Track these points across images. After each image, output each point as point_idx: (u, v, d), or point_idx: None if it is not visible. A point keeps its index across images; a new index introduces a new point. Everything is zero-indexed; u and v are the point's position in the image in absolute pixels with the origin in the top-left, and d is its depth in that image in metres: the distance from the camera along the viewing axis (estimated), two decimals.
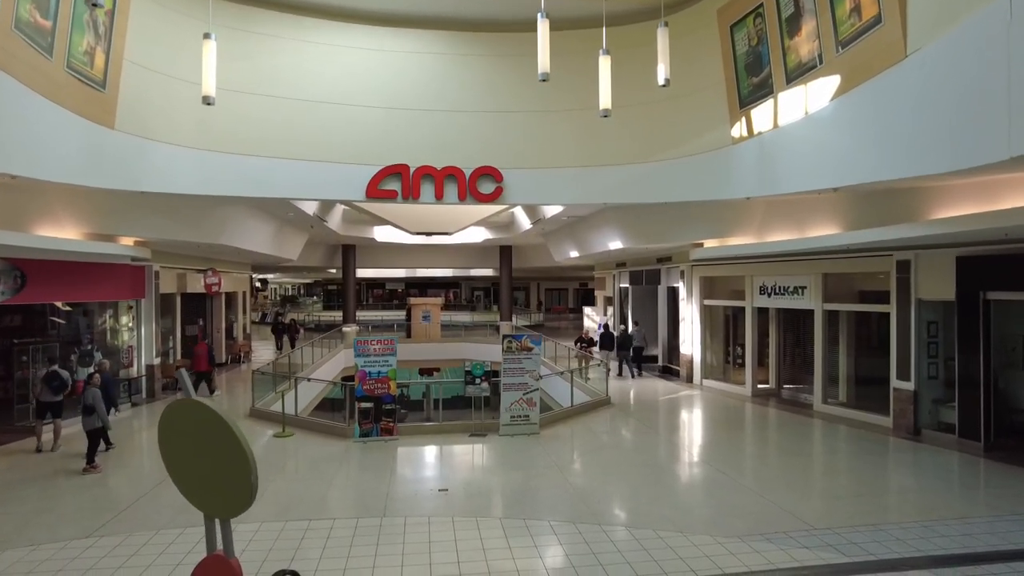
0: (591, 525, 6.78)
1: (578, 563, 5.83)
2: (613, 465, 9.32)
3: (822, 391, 12.84)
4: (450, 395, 15.89)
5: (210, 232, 14.43)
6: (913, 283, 10.70)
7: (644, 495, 7.87)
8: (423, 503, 7.62)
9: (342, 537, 6.47)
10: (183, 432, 3.72)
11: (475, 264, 34.00)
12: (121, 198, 11.68)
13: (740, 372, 15.44)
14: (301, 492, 8.09)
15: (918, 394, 10.66)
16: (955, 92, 7.34)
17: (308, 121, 13.59)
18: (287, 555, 6.03)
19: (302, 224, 20.19)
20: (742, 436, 11.40)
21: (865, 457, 9.57)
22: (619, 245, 16.83)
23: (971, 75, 6.99)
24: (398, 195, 13.87)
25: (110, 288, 13.10)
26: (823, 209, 11.80)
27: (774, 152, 11.29)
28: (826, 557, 5.90)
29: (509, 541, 6.37)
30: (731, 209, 13.60)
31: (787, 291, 13.65)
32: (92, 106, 10.23)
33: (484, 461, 9.60)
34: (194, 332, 19.74)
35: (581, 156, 14.30)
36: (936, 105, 7.72)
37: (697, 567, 5.70)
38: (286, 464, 9.35)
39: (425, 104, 14.14)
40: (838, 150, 9.55)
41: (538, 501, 7.61)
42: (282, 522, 6.90)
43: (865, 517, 7.01)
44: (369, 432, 10.45)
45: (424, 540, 6.40)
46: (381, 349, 10.55)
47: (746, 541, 6.27)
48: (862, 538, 6.33)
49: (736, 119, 12.42)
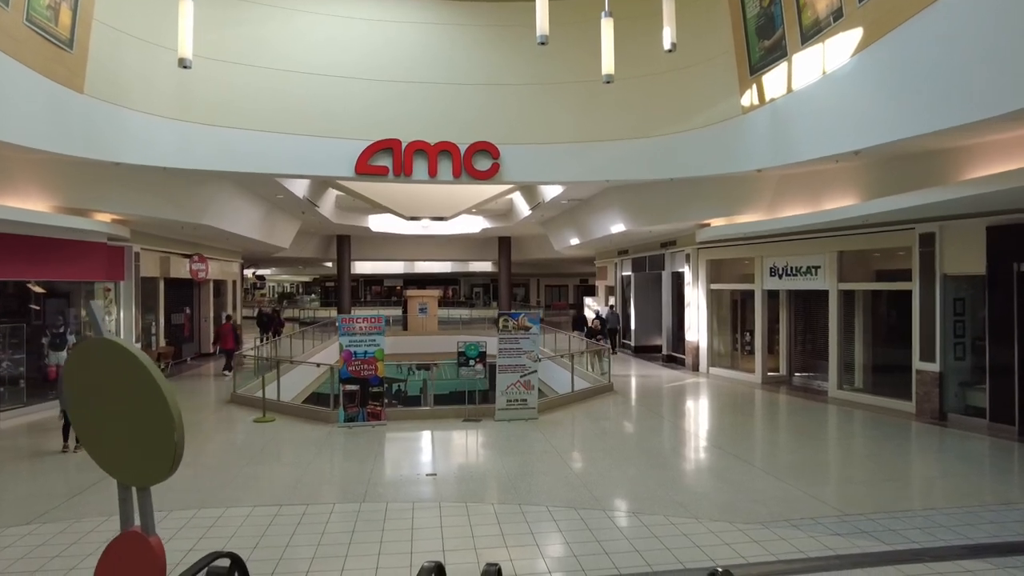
0: (594, 511, 6.06)
1: (580, 551, 5.11)
2: (617, 450, 8.60)
3: (837, 376, 12.11)
4: (447, 390, 15.19)
5: (193, 211, 13.71)
6: (938, 257, 9.97)
7: (653, 480, 7.15)
8: (408, 488, 6.90)
9: (314, 524, 5.75)
10: (92, 380, 3.00)
11: (473, 256, 33.31)
12: (93, 169, 10.97)
13: (749, 359, 14.71)
14: (273, 477, 7.38)
15: (944, 376, 9.93)
16: (986, 34, 6.65)
17: (295, 93, 12.88)
18: (250, 542, 5.31)
19: (293, 209, 19.48)
20: (755, 421, 10.69)
21: (890, 442, 8.84)
22: (621, 228, 16.12)
23: (1003, 14, 6.32)
24: (389, 172, 13.16)
25: (84, 268, 12.37)
26: (840, 181, 11.08)
27: (788, 119, 10.58)
28: (863, 545, 5.18)
29: (502, 528, 5.65)
30: (740, 185, 12.89)
31: (799, 271, 12.92)
32: (58, 66, 9.52)
33: (478, 446, 8.88)
34: (180, 320, 19.05)
35: (582, 131, 13.59)
36: (966, 51, 7.01)
37: (717, 555, 4.98)
38: (261, 449, 8.63)
39: (418, 76, 13.42)
40: (859, 109, 8.84)
41: (535, 486, 6.89)
42: (248, 507, 6.17)
43: (899, 503, 6.29)
44: (355, 417, 9.72)
45: (406, 527, 5.68)
46: (367, 328, 9.83)
47: (770, 528, 5.55)
48: (900, 524, 5.60)
49: (746, 87, 11.70)
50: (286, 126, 12.68)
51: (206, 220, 14.30)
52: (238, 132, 12.33)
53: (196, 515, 5.96)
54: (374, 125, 13.10)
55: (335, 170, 13.11)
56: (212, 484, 7.11)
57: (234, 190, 14.92)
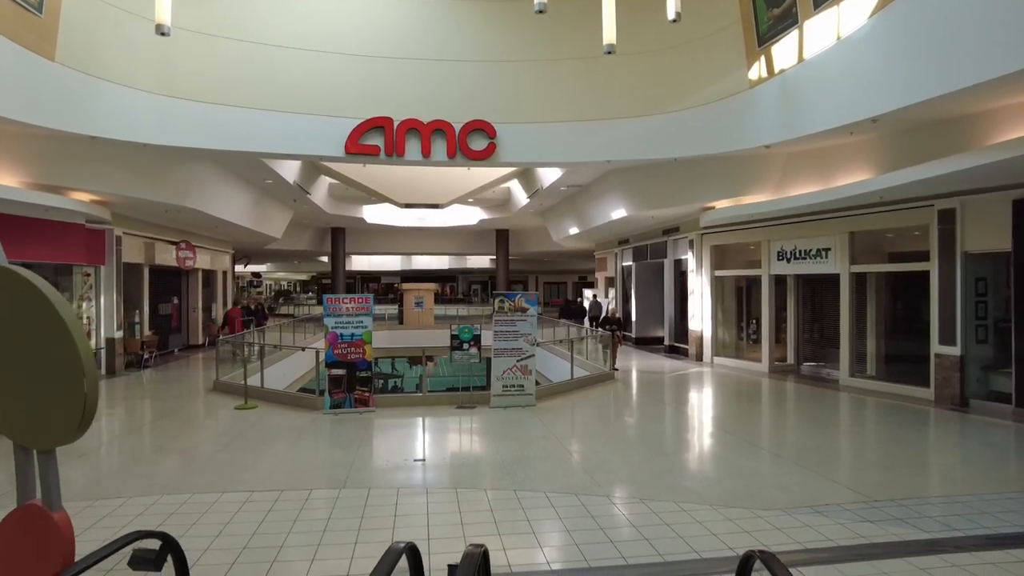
0: (597, 497, 5.50)
1: (582, 539, 4.55)
2: (621, 436, 8.04)
3: (849, 363, 11.55)
4: (443, 387, 14.56)
5: (175, 193, 13.12)
6: (959, 234, 9.42)
7: (660, 466, 6.59)
8: (393, 474, 6.33)
9: (286, 511, 5.18)
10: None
11: (471, 250, 32.74)
12: (67, 143, 10.40)
13: (755, 348, 14.16)
14: (247, 463, 6.80)
15: (965, 360, 9.38)
16: None
17: (281, 69, 12.31)
18: (212, 530, 4.75)
19: (284, 196, 18.91)
20: (766, 408, 10.13)
21: (911, 428, 8.29)
22: (622, 214, 15.57)
23: None
24: (380, 151, 12.58)
25: (61, 250, 11.77)
26: (853, 157, 10.53)
27: (799, 89, 10.03)
28: (899, 532, 4.62)
29: (495, 515, 5.09)
30: (747, 164, 12.34)
31: (809, 255, 12.36)
32: (25, 31, 8.94)
33: (472, 433, 8.30)
34: (168, 311, 18.46)
35: (582, 110, 13.02)
36: (988, 3, 6.50)
37: (736, 544, 4.42)
38: (238, 435, 8.05)
39: (410, 52, 12.85)
40: (877, 73, 8.28)
41: (533, 472, 6.33)
42: (216, 494, 5.61)
43: (931, 488, 5.76)
44: (341, 403, 9.15)
45: (389, 514, 5.12)
46: (354, 308, 9.26)
47: (792, 514, 4.99)
48: (937, 511, 5.05)
49: (754, 60, 11.15)
50: (272, 103, 12.12)
51: (190, 203, 13.71)
52: (221, 108, 11.76)
53: (157, 502, 5.40)
54: (365, 103, 12.54)
55: (324, 149, 12.54)
56: (177, 469, 6.57)
57: (219, 172, 14.33)
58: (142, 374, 13.62)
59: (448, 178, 18.65)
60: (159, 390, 11.82)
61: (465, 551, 2.35)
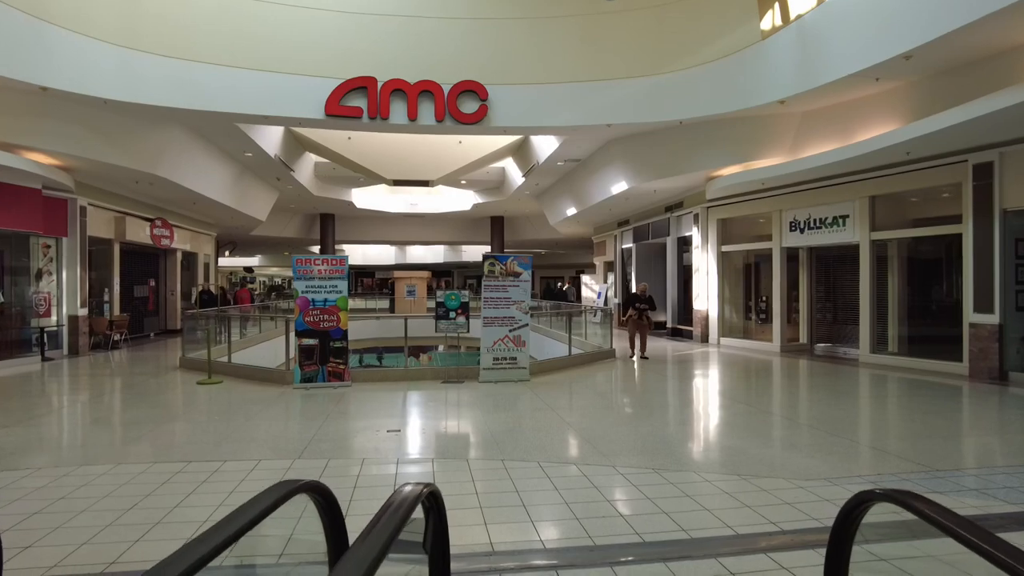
0: (601, 467, 4.59)
1: (583, 513, 3.64)
2: (627, 407, 7.12)
3: (870, 338, 10.66)
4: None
5: (143, 159, 12.15)
6: (997, 190, 8.53)
7: (675, 436, 5.69)
8: (359, 444, 5.41)
9: (225, 482, 4.26)
10: None
11: (466, 238, 31.75)
12: (16, 95, 9.46)
13: (764, 328, 13.27)
14: (193, 433, 5.87)
15: (1004, 329, 8.49)
16: None
17: (258, 24, 11.35)
18: (127, 503, 3.83)
19: (266, 174, 17.91)
20: (784, 381, 9.20)
21: (951, 401, 7.40)
22: (623, 187, 14.64)
23: None
24: (364, 114, 11.65)
25: (13, 215, 10.80)
26: (876, 110, 9.64)
27: (818, 34, 9.12)
28: (978, 504, 3.73)
29: (476, 485, 4.17)
30: (758, 126, 11.43)
31: (824, 223, 11.47)
32: None
33: (458, 405, 7.35)
34: (144, 293, 17.49)
35: (581, 70, 12.10)
36: None
37: (777, 517, 3.52)
38: (192, 408, 7.11)
39: (396, 8, 11.91)
40: (907, 1, 7.41)
41: (524, 442, 5.40)
42: (146, 464, 4.68)
43: (998, 458, 4.85)
44: (313, 376, 8.21)
45: (348, 485, 4.19)
46: (328, 271, 8.33)
47: (840, 484, 4.09)
48: (1015, 481, 4.16)
49: (766, 8, 10.25)
50: (247, 61, 11.19)
51: (161, 172, 12.75)
52: (192, 65, 10.83)
53: (69, 473, 4.47)
54: (347, 62, 11.62)
55: (302, 111, 11.60)
56: (108, 441, 5.64)
57: (193, 140, 13.36)
58: (110, 355, 12.65)
59: (439, 153, 17.68)
60: (121, 368, 10.85)
61: (413, 493, 1.43)
